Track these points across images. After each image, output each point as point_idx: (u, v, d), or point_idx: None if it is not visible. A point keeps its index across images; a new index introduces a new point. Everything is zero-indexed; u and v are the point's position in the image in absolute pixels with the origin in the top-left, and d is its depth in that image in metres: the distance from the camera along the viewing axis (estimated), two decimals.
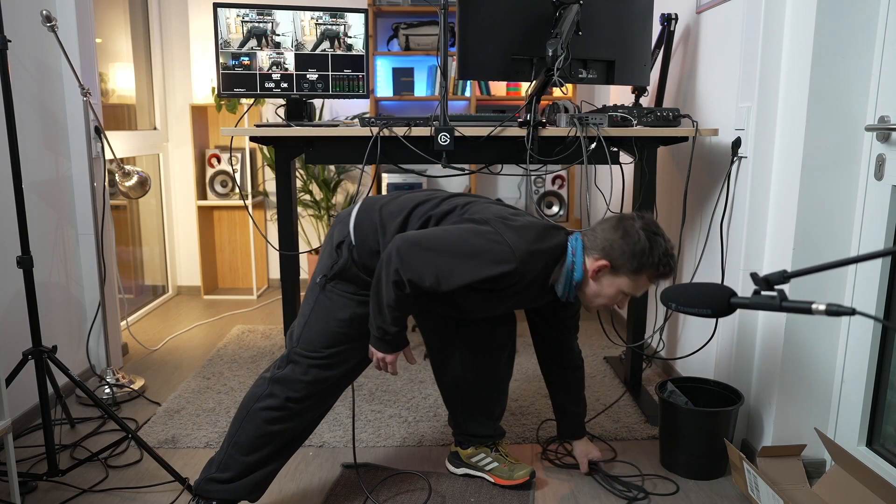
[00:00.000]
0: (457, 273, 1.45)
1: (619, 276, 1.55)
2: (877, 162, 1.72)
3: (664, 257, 1.52)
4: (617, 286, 1.56)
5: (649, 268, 1.53)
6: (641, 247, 1.51)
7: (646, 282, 1.55)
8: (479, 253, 1.45)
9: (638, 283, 1.55)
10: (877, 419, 1.80)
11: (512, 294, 1.58)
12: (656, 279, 1.55)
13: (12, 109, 1.77)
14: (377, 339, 1.55)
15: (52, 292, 2.41)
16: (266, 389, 1.60)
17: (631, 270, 1.53)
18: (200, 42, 3.76)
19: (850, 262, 0.86)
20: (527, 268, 1.49)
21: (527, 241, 1.49)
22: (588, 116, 2.17)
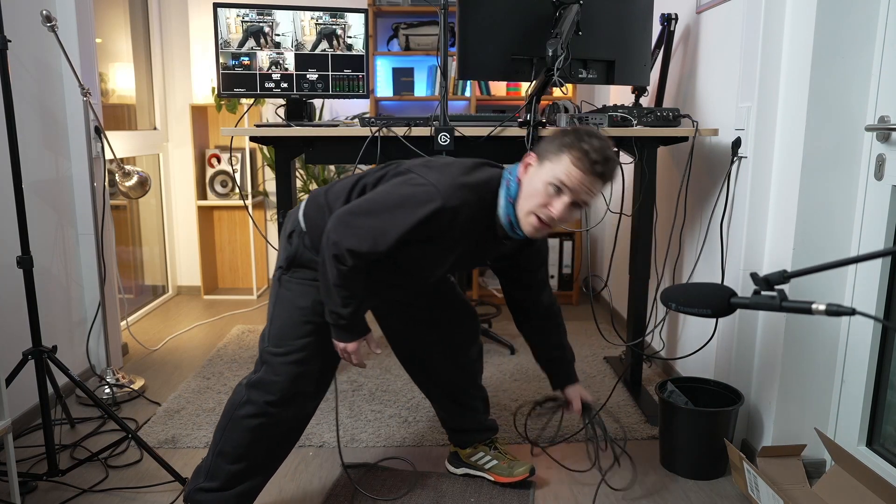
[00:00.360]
0: (389, 227, 1.41)
1: (543, 165, 1.43)
2: (877, 162, 1.72)
3: (588, 136, 1.40)
4: (542, 178, 1.42)
5: (570, 146, 1.40)
6: (564, 132, 1.43)
7: (570, 165, 1.39)
8: (405, 200, 1.41)
9: (560, 166, 1.40)
10: (877, 419, 1.80)
11: (454, 241, 1.51)
12: (580, 157, 1.39)
13: (12, 109, 1.77)
14: (334, 326, 1.51)
15: (52, 292, 2.41)
16: (244, 396, 1.55)
17: (553, 153, 1.42)
18: (200, 42, 3.76)
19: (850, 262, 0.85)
20: (455, 202, 1.41)
21: (450, 176, 1.44)
22: (588, 116, 2.17)
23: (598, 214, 3.58)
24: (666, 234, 2.72)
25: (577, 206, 1.43)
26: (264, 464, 1.59)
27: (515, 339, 3.14)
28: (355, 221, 1.43)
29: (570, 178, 1.40)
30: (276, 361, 1.54)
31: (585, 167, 1.39)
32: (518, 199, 1.46)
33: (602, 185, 1.44)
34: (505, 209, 1.48)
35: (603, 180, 1.42)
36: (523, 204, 1.45)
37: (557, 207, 1.41)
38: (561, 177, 1.40)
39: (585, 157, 1.39)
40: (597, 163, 1.39)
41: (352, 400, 2.44)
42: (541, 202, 1.42)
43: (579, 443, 2.13)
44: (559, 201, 1.41)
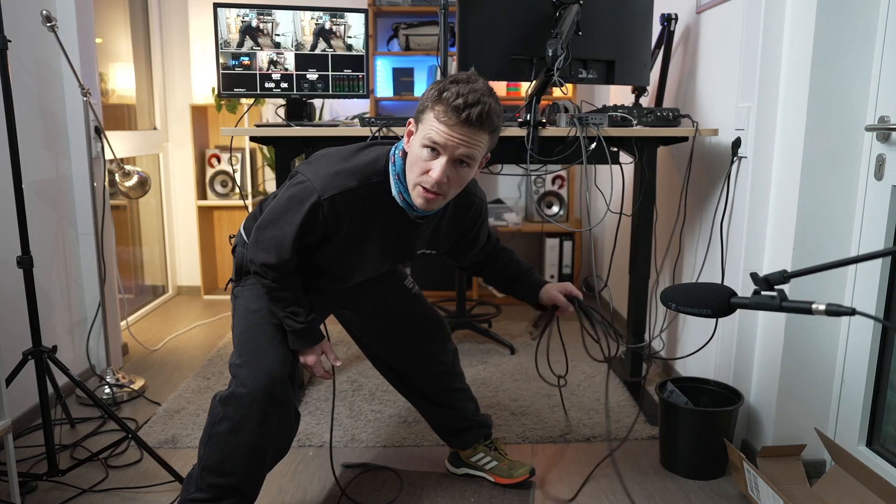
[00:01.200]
0: (283, 234, 1.39)
1: (417, 129, 1.33)
2: (877, 162, 1.72)
3: (452, 83, 1.28)
4: (418, 140, 1.32)
5: (433, 99, 1.28)
6: (434, 83, 1.31)
7: (434, 121, 1.28)
8: (289, 203, 1.39)
9: (427, 125, 1.30)
10: (877, 419, 1.80)
11: (359, 234, 1.45)
12: (445, 110, 1.27)
13: (12, 109, 1.77)
14: (289, 334, 1.51)
15: (52, 292, 2.41)
16: (220, 412, 1.46)
17: (422, 112, 1.31)
18: (200, 42, 3.76)
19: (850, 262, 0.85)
20: (332, 191, 1.36)
21: (325, 166, 1.39)
22: (588, 116, 2.17)
23: (598, 214, 3.58)
24: (666, 234, 2.72)
25: (461, 164, 1.32)
26: (250, 478, 1.50)
27: (515, 339, 3.14)
28: (261, 235, 1.44)
29: (439, 134, 1.28)
30: (242, 373, 1.47)
31: (452, 118, 1.26)
32: (406, 173, 1.38)
33: (480, 133, 1.30)
34: (396, 187, 1.41)
35: (477, 127, 1.28)
36: (409, 176, 1.36)
37: (436, 169, 1.30)
38: (430, 135, 1.29)
39: (448, 106, 1.26)
40: (462, 109, 1.25)
41: (352, 400, 2.44)
42: (421, 169, 1.32)
43: (579, 443, 2.13)
44: (437, 162, 1.30)
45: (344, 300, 1.79)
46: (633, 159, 2.32)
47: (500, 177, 4.05)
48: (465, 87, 1.27)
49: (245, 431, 1.46)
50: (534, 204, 3.87)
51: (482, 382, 2.61)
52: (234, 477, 1.48)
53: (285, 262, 1.43)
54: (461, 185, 1.38)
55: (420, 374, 1.85)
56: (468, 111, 1.26)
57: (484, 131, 1.30)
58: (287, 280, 1.47)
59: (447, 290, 3.66)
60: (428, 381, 1.85)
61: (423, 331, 1.82)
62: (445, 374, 1.86)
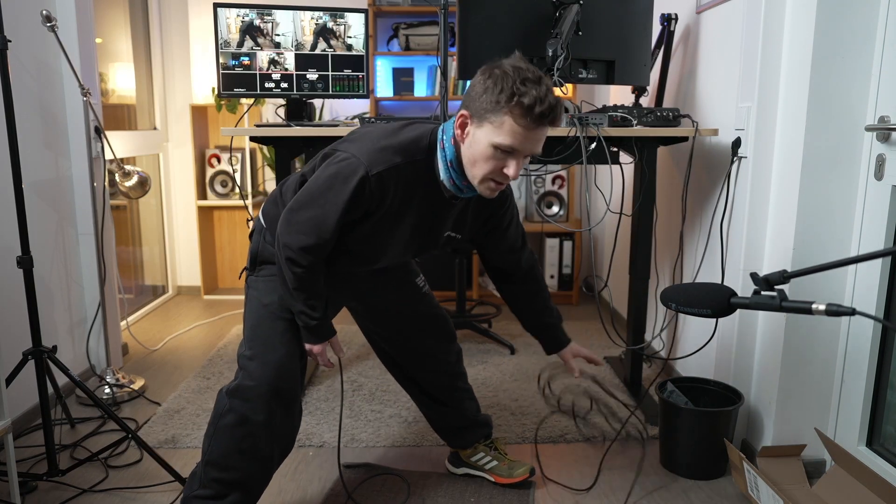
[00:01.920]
0: (326, 213, 1.37)
1: (482, 126, 1.31)
2: (877, 162, 1.72)
3: (523, 83, 1.25)
4: (485, 139, 1.31)
5: (509, 102, 1.26)
6: (495, 79, 1.28)
7: (512, 123, 1.27)
8: (333, 181, 1.37)
9: (503, 126, 1.28)
10: (877, 419, 1.80)
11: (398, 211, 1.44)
12: (523, 114, 1.26)
13: (12, 109, 1.77)
14: (302, 328, 1.50)
15: (52, 292, 2.41)
16: (226, 404, 1.47)
17: (490, 111, 1.29)
18: (200, 42, 3.76)
19: (850, 262, 0.86)
20: (380, 167, 1.35)
21: (371, 142, 1.38)
22: (588, 116, 2.17)
23: (598, 214, 3.58)
24: (666, 234, 2.72)
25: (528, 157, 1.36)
26: (255, 473, 1.51)
27: (516, 339, 3.14)
28: (296, 217, 1.40)
29: (516, 139, 1.28)
30: (251, 366, 1.48)
31: (531, 123, 1.27)
32: (464, 164, 1.38)
33: (550, 129, 1.34)
34: (446, 173, 1.41)
35: (551, 125, 1.31)
36: (474, 171, 1.36)
37: (512, 168, 1.32)
38: (508, 140, 1.29)
39: (530, 112, 1.26)
40: (543, 115, 1.26)
41: (352, 400, 2.44)
42: (493, 167, 1.33)
43: (579, 442, 2.13)
44: (512, 161, 1.32)
45: (356, 294, 1.76)
46: (633, 159, 2.32)
47: None
48: (540, 89, 1.26)
49: (250, 424, 1.46)
50: (534, 204, 3.87)
51: (482, 382, 2.61)
52: (238, 472, 1.49)
53: (325, 242, 1.39)
54: None
55: (424, 373, 1.85)
56: (550, 115, 1.27)
57: (554, 126, 1.34)
58: (317, 267, 1.43)
59: (447, 290, 3.66)
60: (431, 380, 1.85)
61: (429, 330, 1.82)
62: (449, 373, 1.86)
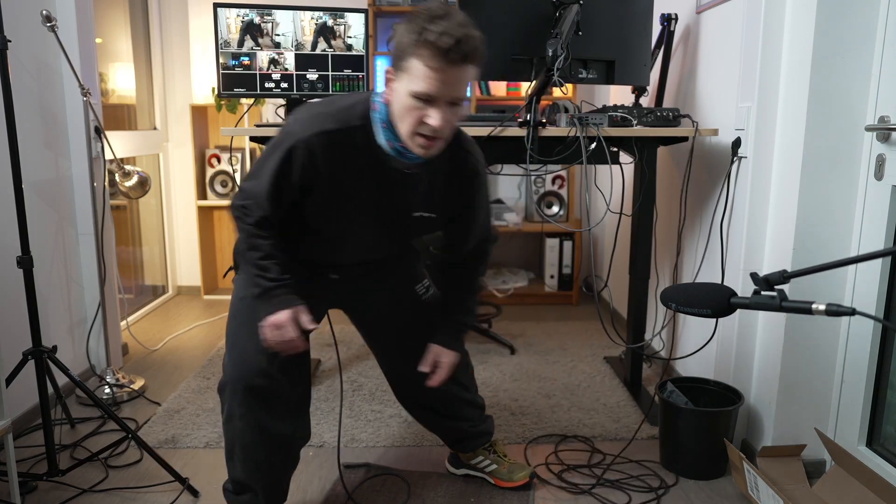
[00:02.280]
0: (261, 181, 1.35)
1: (401, 77, 1.24)
2: (877, 162, 1.72)
3: (428, 21, 1.18)
4: (404, 90, 1.24)
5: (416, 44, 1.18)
6: (406, 24, 1.21)
7: (421, 66, 1.19)
8: (268, 151, 1.36)
9: (414, 71, 1.20)
10: (877, 419, 1.80)
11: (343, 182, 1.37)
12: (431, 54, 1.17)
13: (12, 109, 1.77)
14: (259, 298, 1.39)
15: (52, 292, 2.41)
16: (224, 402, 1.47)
17: (403, 59, 1.22)
18: (200, 42, 3.75)
19: (850, 262, 0.86)
20: (309, 132, 1.30)
21: (307, 111, 1.35)
22: (588, 116, 2.17)
23: (598, 214, 3.58)
24: (666, 234, 2.72)
25: (454, 104, 1.26)
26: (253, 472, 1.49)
27: (516, 339, 3.14)
28: (244, 185, 1.40)
29: (429, 83, 1.20)
30: (226, 360, 1.46)
31: (440, 62, 1.18)
32: (395, 122, 1.30)
33: (469, 69, 1.23)
34: (384, 135, 1.33)
35: (468, 63, 1.21)
36: (401, 128, 1.29)
37: (435, 117, 1.23)
38: (421, 86, 1.20)
39: (435, 49, 1.17)
40: (450, 50, 1.17)
41: (352, 400, 2.44)
42: (415, 119, 1.25)
43: (579, 442, 2.13)
44: (433, 110, 1.23)
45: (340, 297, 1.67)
46: (633, 159, 2.32)
47: (500, 177, 4.05)
48: (447, 22, 1.17)
49: (236, 419, 1.45)
50: (534, 204, 3.87)
51: (482, 382, 2.61)
52: (237, 471, 1.50)
53: (264, 209, 1.37)
54: (456, 121, 1.33)
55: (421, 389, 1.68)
56: (458, 51, 1.17)
57: (473, 65, 1.23)
58: (266, 228, 1.39)
59: None
60: (430, 394, 1.72)
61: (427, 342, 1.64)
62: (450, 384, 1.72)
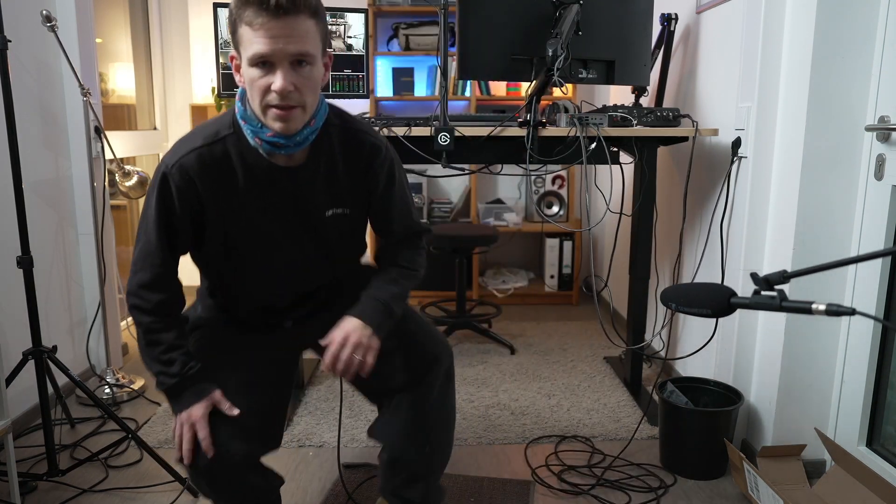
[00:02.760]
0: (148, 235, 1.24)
1: (240, 55, 1.18)
2: (877, 162, 1.72)
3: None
4: (244, 65, 1.16)
5: (236, 10, 1.13)
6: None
7: (247, 29, 1.12)
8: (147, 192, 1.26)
9: (244, 39, 1.14)
10: (877, 419, 1.80)
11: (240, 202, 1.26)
12: (255, 14, 1.11)
13: (12, 109, 1.77)
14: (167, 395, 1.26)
15: (52, 292, 2.41)
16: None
17: (234, 33, 1.16)
18: (200, 42, 3.76)
19: (850, 262, 0.86)
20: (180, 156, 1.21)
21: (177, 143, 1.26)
22: (588, 116, 2.17)
23: (598, 214, 3.58)
24: (666, 234, 2.72)
25: (300, 64, 1.16)
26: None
27: (516, 339, 3.14)
28: (133, 258, 1.27)
29: (260, 42, 1.11)
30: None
31: (263, 14, 1.10)
32: (253, 108, 1.20)
33: (301, 19, 1.13)
34: (249, 132, 1.22)
35: (294, 12, 1.11)
36: (254, 106, 1.19)
37: (277, 81, 1.13)
38: (253, 49, 1.12)
39: (254, 4, 1.10)
40: (265, 0, 1.09)
41: (352, 400, 2.44)
42: (262, 89, 1.15)
43: (579, 442, 2.13)
44: (274, 76, 1.14)
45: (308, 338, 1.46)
46: (633, 159, 2.32)
47: (500, 177, 4.05)
48: None
49: None
50: (534, 204, 3.87)
51: (482, 382, 2.61)
52: None
53: (160, 269, 1.25)
54: (314, 88, 1.20)
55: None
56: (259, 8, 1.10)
57: (304, 15, 1.13)
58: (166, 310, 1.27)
59: (447, 290, 3.65)
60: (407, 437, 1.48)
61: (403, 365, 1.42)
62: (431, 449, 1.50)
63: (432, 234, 1.54)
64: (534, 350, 3.00)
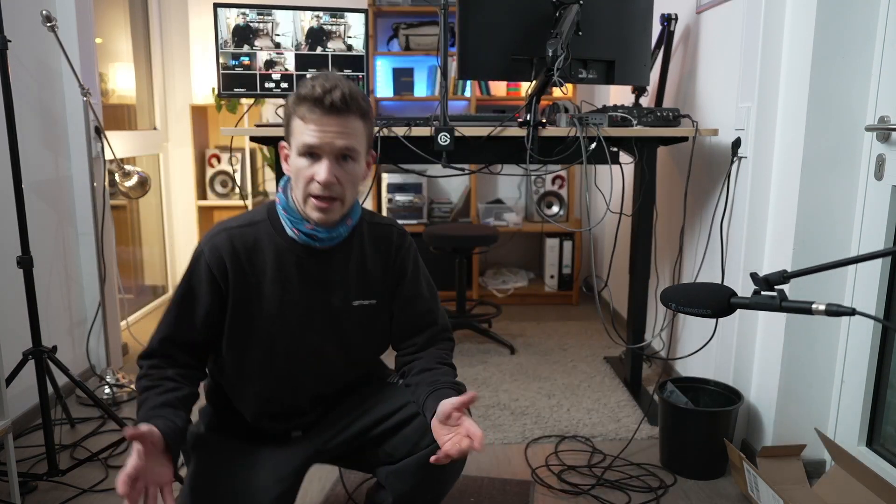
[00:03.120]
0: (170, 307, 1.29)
1: (290, 145, 1.25)
2: (877, 162, 1.72)
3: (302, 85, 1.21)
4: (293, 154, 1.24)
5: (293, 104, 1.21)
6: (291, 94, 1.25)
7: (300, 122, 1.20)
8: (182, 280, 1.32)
9: (296, 130, 1.21)
10: (877, 419, 1.80)
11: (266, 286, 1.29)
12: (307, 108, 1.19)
13: (12, 109, 1.77)
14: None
15: (52, 292, 2.41)
16: None
17: (287, 125, 1.24)
18: (200, 42, 3.76)
19: (850, 262, 0.86)
20: (213, 235, 1.28)
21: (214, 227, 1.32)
22: (588, 116, 2.17)
23: (598, 214, 3.58)
24: (666, 234, 2.72)
25: (345, 159, 1.22)
26: None
27: (516, 339, 3.14)
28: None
29: (312, 135, 1.19)
30: None
31: (317, 111, 1.18)
32: (294, 199, 1.26)
33: (351, 119, 1.20)
34: (288, 223, 1.28)
35: (345, 112, 1.19)
36: (297, 195, 1.24)
37: (321, 172, 1.20)
38: (303, 140, 1.20)
39: (309, 101, 1.18)
40: (323, 97, 1.17)
41: None
42: (306, 179, 1.21)
43: (579, 442, 2.13)
44: (320, 166, 1.20)
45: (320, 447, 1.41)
46: (633, 159, 2.32)
47: (500, 177, 4.05)
48: (321, 78, 1.20)
49: None
50: (534, 204, 3.87)
51: (482, 382, 2.61)
52: None
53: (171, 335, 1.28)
54: (354, 183, 1.26)
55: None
56: (330, 96, 1.18)
57: (354, 115, 1.21)
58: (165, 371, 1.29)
59: (447, 290, 3.65)
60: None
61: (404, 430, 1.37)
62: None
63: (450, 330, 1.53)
64: (534, 350, 3.00)
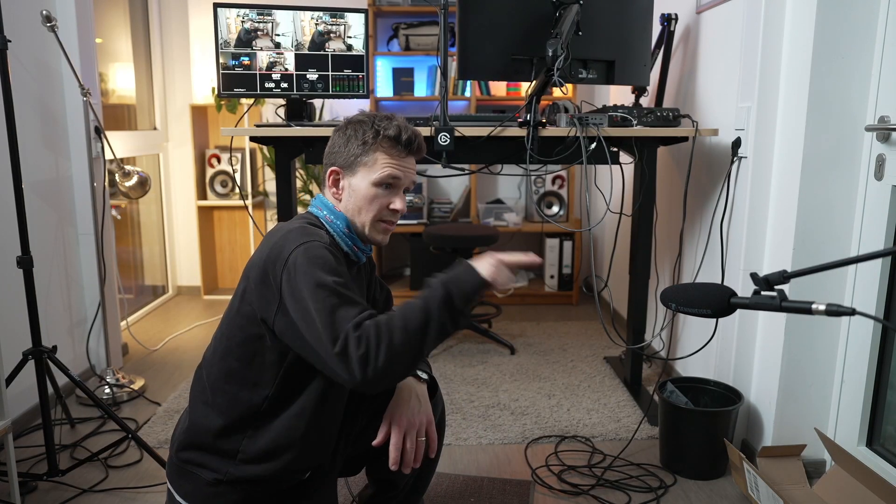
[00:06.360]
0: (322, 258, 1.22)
1: (356, 172, 1.33)
2: (877, 162, 1.72)
3: (379, 121, 1.32)
4: (364, 182, 1.31)
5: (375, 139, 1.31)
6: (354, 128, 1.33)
7: (384, 156, 1.31)
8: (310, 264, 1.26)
9: (378, 163, 1.31)
10: (877, 419, 1.80)
11: None
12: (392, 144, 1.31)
13: (12, 109, 1.77)
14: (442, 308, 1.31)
15: (52, 292, 2.41)
16: None
17: (360, 155, 1.32)
18: (200, 42, 3.76)
19: (850, 262, 0.86)
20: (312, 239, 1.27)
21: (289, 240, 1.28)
22: (588, 116, 2.17)
23: (598, 214, 3.58)
24: (666, 234, 2.72)
25: (405, 192, 1.39)
26: None
27: (515, 339, 3.14)
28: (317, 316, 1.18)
29: (394, 170, 1.33)
30: None
31: (402, 151, 1.34)
32: (351, 218, 1.34)
33: (416, 160, 1.39)
34: (345, 243, 1.34)
35: (418, 155, 1.38)
36: (362, 218, 1.33)
37: (398, 203, 1.34)
38: (388, 172, 1.31)
39: (397, 141, 1.32)
40: (410, 141, 1.34)
41: None
42: (379, 206, 1.33)
43: (579, 442, 2.13)
44: (395, 195, 1.34)
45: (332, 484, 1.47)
46: (633, 159, 2.32)
47: (500, 177, 4.05)
48: (398, 121, 1.34)
49: None
50: (534, 204, 3.87)
51: (482, 382, 2.61)
52: None
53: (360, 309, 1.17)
54: None
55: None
56: (415, 142, 1.35)
57: (419, 157, 1.40)
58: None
59: None
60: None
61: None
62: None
63: None
64: (534, 350, 3.00)
